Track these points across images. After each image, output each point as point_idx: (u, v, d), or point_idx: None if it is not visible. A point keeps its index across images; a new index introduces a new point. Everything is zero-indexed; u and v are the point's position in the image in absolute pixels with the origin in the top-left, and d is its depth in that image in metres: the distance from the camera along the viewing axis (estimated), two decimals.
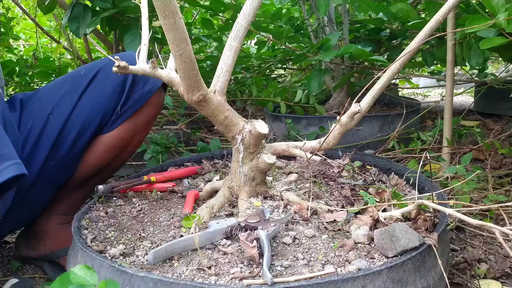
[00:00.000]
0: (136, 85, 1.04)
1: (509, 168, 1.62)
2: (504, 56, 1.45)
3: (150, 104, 1.07)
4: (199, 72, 0.79)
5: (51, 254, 1.12)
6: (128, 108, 1.05)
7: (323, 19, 1.98)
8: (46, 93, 1.08)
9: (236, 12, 0.80)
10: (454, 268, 1.04)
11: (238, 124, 0.89)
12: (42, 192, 1.07)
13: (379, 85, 0.91)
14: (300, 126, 1.90)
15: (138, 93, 1.05)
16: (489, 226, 0.63)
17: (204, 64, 2.45)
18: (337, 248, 0.77)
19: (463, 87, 3.10)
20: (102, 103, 1.04)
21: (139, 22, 0.91)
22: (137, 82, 1.05)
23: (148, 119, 1.10)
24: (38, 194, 1.06)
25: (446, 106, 1.54)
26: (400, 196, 0.91)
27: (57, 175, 1.05)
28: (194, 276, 0.70)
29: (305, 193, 0.97)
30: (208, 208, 0.90)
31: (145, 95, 1.05)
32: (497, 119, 2.46)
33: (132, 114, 1.06)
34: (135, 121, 1.07)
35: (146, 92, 1.05)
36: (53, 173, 1.04)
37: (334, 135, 0.93)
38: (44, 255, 1.12)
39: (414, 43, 0.88)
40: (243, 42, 0.92)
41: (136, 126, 1.08)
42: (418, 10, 2.09)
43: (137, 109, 1.06)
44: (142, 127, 1.10)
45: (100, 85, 1.04)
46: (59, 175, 1.06)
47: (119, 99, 1.04)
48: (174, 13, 0.69)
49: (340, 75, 2.05)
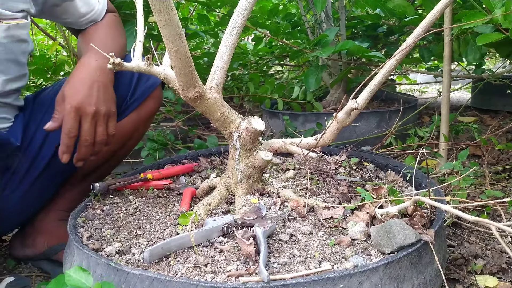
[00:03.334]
0: (141, 79, 1.12)
1: (506, 163, 1.63)
2: (501, 51, 1.44)
3: (152, 97, 1.14)
4: (195, 69, 0.79)
5: (49, 250, 1.12)
6: (134, 101, 1.12)
7: (320, 15, 1.98)
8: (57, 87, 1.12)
9: (233, 8, 0.80)
10: (451, 264, 1.04)
11: (234, 121, 0.89)
12: (49, 184, 1.09)
13: (376, 81, 0.91)
14: (297, 123, 1.90)
15: (143, 86, 1.13)
16: (485, 222, 0.63)
17: (201, 61, 2.44)
18: (334, 245, 0.76)
19: (460, 83, 3.10)
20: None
21: (135, 18, 0.90)
22: (142, 77, 1.12)
23: (150, 112, 1.17)
24: (45, 186, 1.08)
25: (443, 102, 1.54)
26: (397, 192, 0.91)
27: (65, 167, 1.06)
28: (190, 274, 0.69)
29: (302, 190, 0.97)
30: (204, 206, 0.90)
31: (148, 89, 1.13)
32: (494, 115, 2.46)
33: (137, 106, 1.13)
34: (139, 113, 1.14)
35: (149, 86, 1.13)
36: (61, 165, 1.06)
37: (331, 132, 0.92)
38: (42, 252, 1.12)
39: (411, 38, 0.88)
40: (240, 38, 0.92)
41: (139, 117, 1.14)
42: (415, 6, 2.09)
43: (142, 101, 1.13)
44: (145, 119, 1.17)
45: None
46: (66, 167, 1.06)
47: (127, 91, 1.11)
48: (169, 9, 0.68)
49: (338, 71, 2.05)
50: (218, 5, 2.02)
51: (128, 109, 1.12)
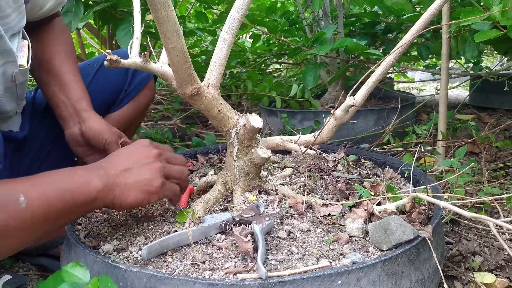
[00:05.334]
0: (136, 71, 1.19)
1: (503, 161, 1.63)
2: (499, 49, 1.45)
3: (148, 88, 1.23)
4: (192, 66, 0.78)
5: (50, 242, 1.12)
6: (131, 90, 1.20)
7: (318, 12, 1.97)
8: None
9: (230, 5, 0.80)
10: (449, 261, 1.04)
11: (232, 118, 0.89)
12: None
13: (373, 78, 0.91)
14: (295, 121, 1.90)
15: (139, 77, 1.20)
16: (483, 218, 0.63)
17: (199, 58, 2.44)
18: (332, 241, 0.76)
19: (458, 81, 3.11)
20: (110, 86, 1.18)
21: (132, 16, 0.90)
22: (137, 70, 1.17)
23: (146, 101, 1.25)
24: None
25: (441, 99, 1.54)
26: (394, 189, 0.91)
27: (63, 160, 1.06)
28: (188, 271, 0.69)
29: (300, 187, 0.97)
30: (202, 203, 0.90)
31: (144, 80, 1.21)
32: (492, 113, 2.47)
33: (135, 95, 1.21)
34: (137, 102, 1.22)
35: (145, 77, 1.21)
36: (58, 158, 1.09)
37: (328, 129, 0.92)
38: (43, 244, 1.12)
39: (409, 35, 0.88)
40: (238, 36, 0.91)
41: (138, 106, 1.23)
42: (413, 4, 2.09)
43: (139, 91, 1.21)
44: (142, 108, 1.26)
45: (107, 72, 1.17)
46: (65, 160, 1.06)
47: (124, 82, 1.19)
48: (166, 5, 0.68)
49: (335, 69, 2.04)
50: (216, 3, 2.02)
51: (126, 98, 1.19)
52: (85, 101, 1.02)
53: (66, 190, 0.66)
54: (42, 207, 0.62)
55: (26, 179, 0.64)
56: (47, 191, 0.64)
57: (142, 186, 0.74)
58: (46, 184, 0.65)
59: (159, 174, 0.76)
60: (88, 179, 0.69)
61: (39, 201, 0.62)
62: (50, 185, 0.65)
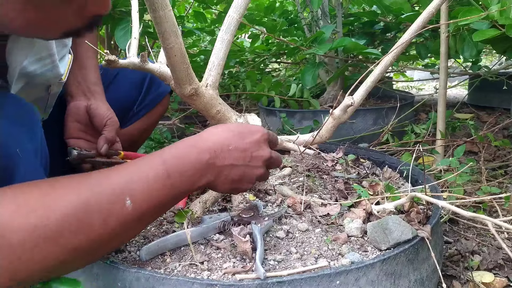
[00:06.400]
0: (152, 86, 1.17)
1: (502, 160, 1.63)
2: (497, 48, 1.44)
3: (161, 104, 1.20)
4: (190, 66, 0.78)
5: None
6: (144, 106, 1.17)
7: (317, 12, 1.97)
8: None
9: (229, 5, 0.80)
10: (447, 260, 1.04)
11: (230, 118, 0.89)
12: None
13: (372, 78, 0.91)
14: (294, 120, 1.90)
15: (153, 93, 1.18)
16: (482, 218, 0.63)
17: (198, 58, 2.43)
18: (330, 241, 0.76)
19: (456, 80, 3.11)
20: (123, 100, 1.15)
21: (130, 16, 0.89)
22: (153, 84, 1.17)
23: (157, 118, 1.23)
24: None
25: (440, 99, 1.54)
26: (393, 189, 0.91)
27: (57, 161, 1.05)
28: (186, 271, 0.69)
29: (298, 187, 0.97)
30: (201, 203, 0.90)
31: (159, 96, 1.18)
32: (491, 112, 2.47)
33: (148, 111, 1.18)
34: (149, 118, 1.20)
35: (160, 93, 1.18)
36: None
37: (327, 129, 0.92)
38: None
39: (407, 35, 0.88)
40: (236, 36, 0.91)
41: (149, 122, 1.21)
42: (412, 3, 2.09)
43: (152, 107, 1.18)
44: (153, 124, 1.24)
45: (121, 85, 1.15)
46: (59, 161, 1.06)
47: (137, 98, 1.16)
48: (164, 5, 0.68)
49: (334, 68, 2.04)
50: (214, 3, 2.01)
51: (138, 114, 1.18)
52: (99, 87, 1.02)
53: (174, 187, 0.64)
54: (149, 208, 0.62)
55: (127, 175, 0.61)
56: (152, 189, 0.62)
57: (241, 185, 0.72)
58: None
59: (260, 178, 0.74)
60: (201, 174, 0.67)
61: (146, 204, 0.61)
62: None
